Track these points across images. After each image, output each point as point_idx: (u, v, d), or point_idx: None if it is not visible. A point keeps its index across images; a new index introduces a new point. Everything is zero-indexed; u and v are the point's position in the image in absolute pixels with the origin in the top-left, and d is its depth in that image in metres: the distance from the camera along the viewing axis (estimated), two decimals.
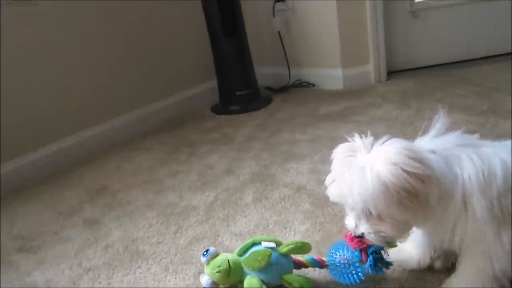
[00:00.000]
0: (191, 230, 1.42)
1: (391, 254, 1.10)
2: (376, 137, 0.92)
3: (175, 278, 1.21)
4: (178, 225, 1.46)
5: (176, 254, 1.31)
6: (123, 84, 2.35)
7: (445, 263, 1.08)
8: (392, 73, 2.76)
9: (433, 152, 0.89)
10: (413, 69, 2.79)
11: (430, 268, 1.09)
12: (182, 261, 1.27)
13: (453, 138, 0.94)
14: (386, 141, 0.90)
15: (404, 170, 0.82)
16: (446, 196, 0.87)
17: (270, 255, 1.05)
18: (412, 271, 1.10)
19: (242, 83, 2.56)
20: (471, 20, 2.74)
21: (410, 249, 1.12)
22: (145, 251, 1.35)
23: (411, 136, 0.98)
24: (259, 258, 1.05)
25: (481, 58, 2.76)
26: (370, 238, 0.93)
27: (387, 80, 2.71)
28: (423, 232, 1.06)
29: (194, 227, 1.43)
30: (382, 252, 1.03)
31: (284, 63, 2.80)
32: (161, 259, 1.30)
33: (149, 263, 1.29)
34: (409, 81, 2.59)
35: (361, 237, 0.94)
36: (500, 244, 0.88)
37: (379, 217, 0.89)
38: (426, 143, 0.94)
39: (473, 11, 2.72)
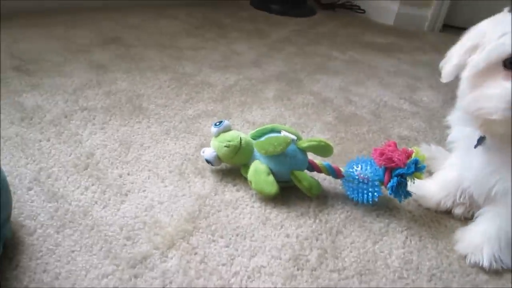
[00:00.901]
0: (202, 104, 1.29)
1: (412, 188, 1.00)
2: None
3: (175, 144, 1.09)
4: (190, 95, 1.33)
5: (181, 122, 1.19)
6: None
7: (465, 213, 0.98)
8: (447, 27, 2.55)
9: None
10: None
11: (447, 213, 0.99)
12: (186, 130, 1.16)
13: None
14: None
15: None
16: None
17: (289, 143, 0.93)
18: (428, 209, 1.00)
19: None
20: None
21: (433, 187, 1.01)
22: (148, 109, 1.23)
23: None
24: (275, 143, 0.93)
25: None
26: None
27: (440, 31, 2.51)
28: (455, 173, 0.95)
29: (207, 102, 1.31)
30: (408, 178, 0.92)
31: None
32: (163, 122, 1.18)
33: (150, 121, 1.17)
34: None
35: None
36: None
37: None
38: None
39: None
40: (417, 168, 0.91)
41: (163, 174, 0.98)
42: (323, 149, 0.98)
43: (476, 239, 0.87)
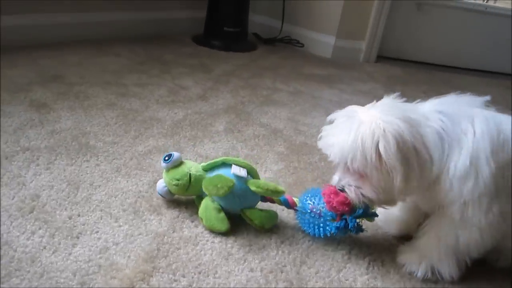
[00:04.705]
0: (153, 140, 1.26)
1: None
2: None
3: (127, 181, 1.05)
4: (139, 131, 1.30)
5: (131, 159, 1.15)
6: None
7: None
8: (380, 58, 2.68)
9: (440, 112, 0.84)
10: (402, 59, 2.74)
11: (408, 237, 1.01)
12: (138, 167, 1.12)
13: (465, 99, 0.88)
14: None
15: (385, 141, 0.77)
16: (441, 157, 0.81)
17: (232, 186, 0.91)
18: (386, 234, 1.02)
19: (233, 19, 2.38)
20: (469, 29, 2.71)
21: (395, 212, 1.03)
22: (96, 147, 1.18)
23: None
24: (219, 185, 0.91)
25: (466, 69, 2.77)
26: (350, 192, 0.85)
27: (375, 62, 2.63)
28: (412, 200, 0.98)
29: (157, 138, 1.28)
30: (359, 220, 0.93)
31: (279, 16, 2.64)
32: (113, 159, 1.14)
33: (99, 159, 1.13)
34: (397, 69, 2.53)
35: (342, 190, 0.87)
36: (487, 214, 0.80)
37: (361, 175, 0.83)
38: (434, 104, 0.88)
39: (474, 21, 2.69)
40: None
41: (116, 213, 0.93)
42: (273, 194, 0.97)
43: (415, 252, 0.91)
